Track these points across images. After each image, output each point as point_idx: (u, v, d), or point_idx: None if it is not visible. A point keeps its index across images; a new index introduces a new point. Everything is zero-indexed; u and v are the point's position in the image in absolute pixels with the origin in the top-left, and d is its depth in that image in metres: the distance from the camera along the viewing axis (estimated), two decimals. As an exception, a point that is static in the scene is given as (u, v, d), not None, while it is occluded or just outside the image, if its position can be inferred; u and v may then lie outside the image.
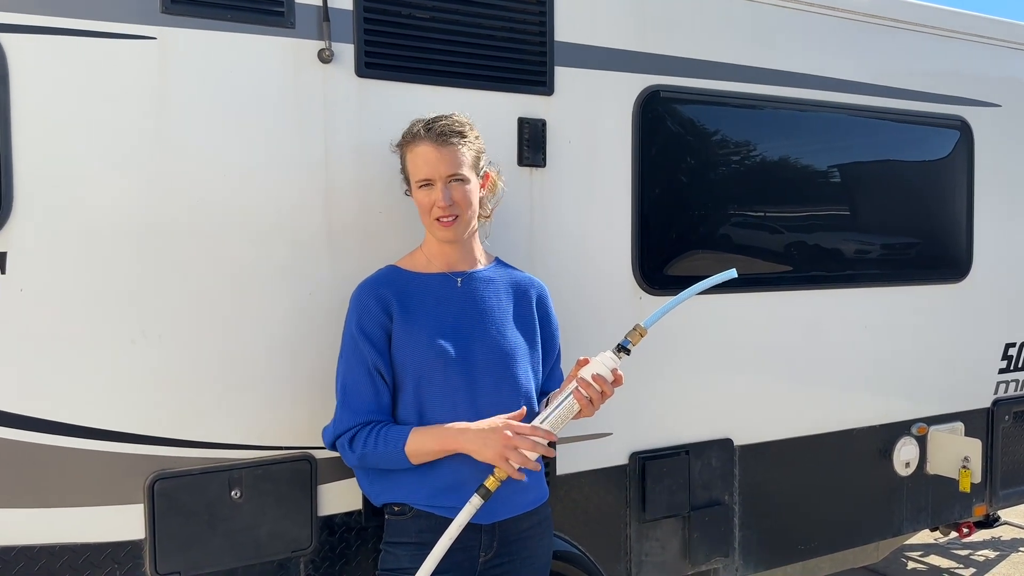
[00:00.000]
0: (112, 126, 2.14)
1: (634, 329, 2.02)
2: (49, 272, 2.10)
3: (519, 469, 2.02)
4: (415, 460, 2.11)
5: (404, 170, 2.27)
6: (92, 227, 2.13)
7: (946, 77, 3.72)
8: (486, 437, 2.04)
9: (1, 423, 2.07)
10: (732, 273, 2.02)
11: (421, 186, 2.19)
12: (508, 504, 2.19)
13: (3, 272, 2.05)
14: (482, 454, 2.04)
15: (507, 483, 2.02)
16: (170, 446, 2.24)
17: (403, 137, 2.25)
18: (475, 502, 1.98)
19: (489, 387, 2.18)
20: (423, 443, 2.10)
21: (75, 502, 2.16)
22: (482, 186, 2.28)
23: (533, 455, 2.01)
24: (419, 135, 2.19)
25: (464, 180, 2.19)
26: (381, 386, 2.17)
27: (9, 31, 2.04)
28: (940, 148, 3.75)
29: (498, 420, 2.08)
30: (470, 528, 2.11)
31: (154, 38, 2.18)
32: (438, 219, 2.18)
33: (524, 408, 2.15)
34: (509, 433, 2.02)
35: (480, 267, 2.31)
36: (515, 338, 2.25)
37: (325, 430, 2.23)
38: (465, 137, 2.21)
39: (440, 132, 2.17)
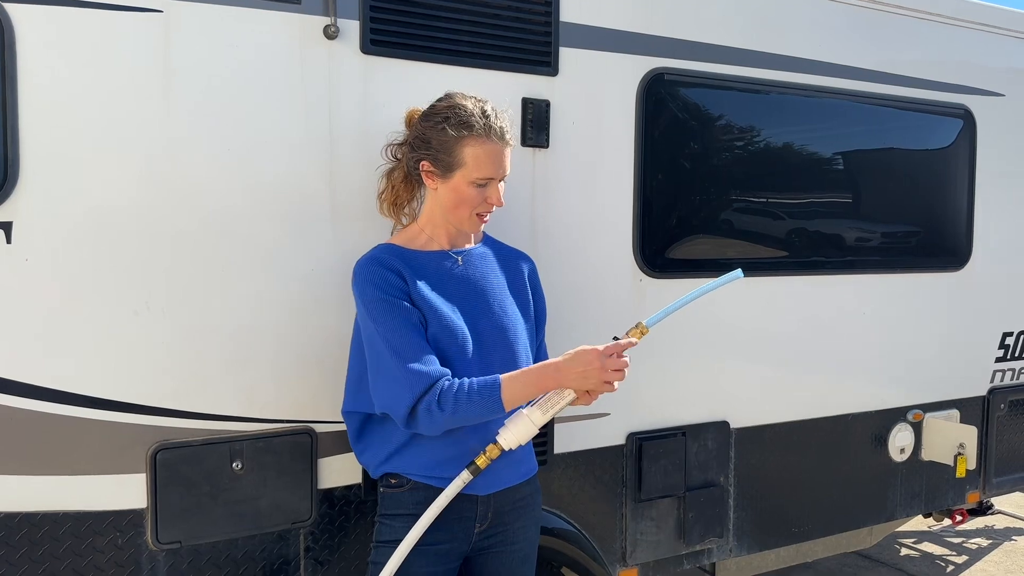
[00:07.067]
0: (117, 98, 2.15)
1: (636, 327, 2.05)
2: (54, 243, 2.11)
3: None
4: (510, 407, 2.07)
5: (447, 157, 2.14)
6: (97, 198, 2.15)
7: (950, 65, 3.72)
8: (585, 376, 2.02)
9: (6, 391, 2.09)
10: (738, 274, 2.05)
11: (479, 184, 2.16)
12: (503, 476, 2.23)
13: (8, 242, 2.07)
14: (585, 387, 2.04)
15: (501, 457, 2.08)
16: (172, 417, 2.26)
17: (462, 127, 2.12)
18: (464, 477, 2.04)
19: (497, 361, 2.19)
20: (518, 390, 2.05)
21: (78, 470, 2.18)
22: None
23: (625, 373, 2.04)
24: (489, 131, 2.13)
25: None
26: (428, 338, 2.13)
27: (15, 1, 2.04)
28: (943, 136, 3.75)
29: (587, 355, 2.03)
30: (467, 500, 2.16)
31: (160, 11, 2.18)
32: (479, 214, 2.20)
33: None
34: (600, 363, 2.01)
35: (474, 244, 2.33)
36: (515, 313, 2.28)
37: (395, 399, 2.06)
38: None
39: (503, 132, 2.16)
